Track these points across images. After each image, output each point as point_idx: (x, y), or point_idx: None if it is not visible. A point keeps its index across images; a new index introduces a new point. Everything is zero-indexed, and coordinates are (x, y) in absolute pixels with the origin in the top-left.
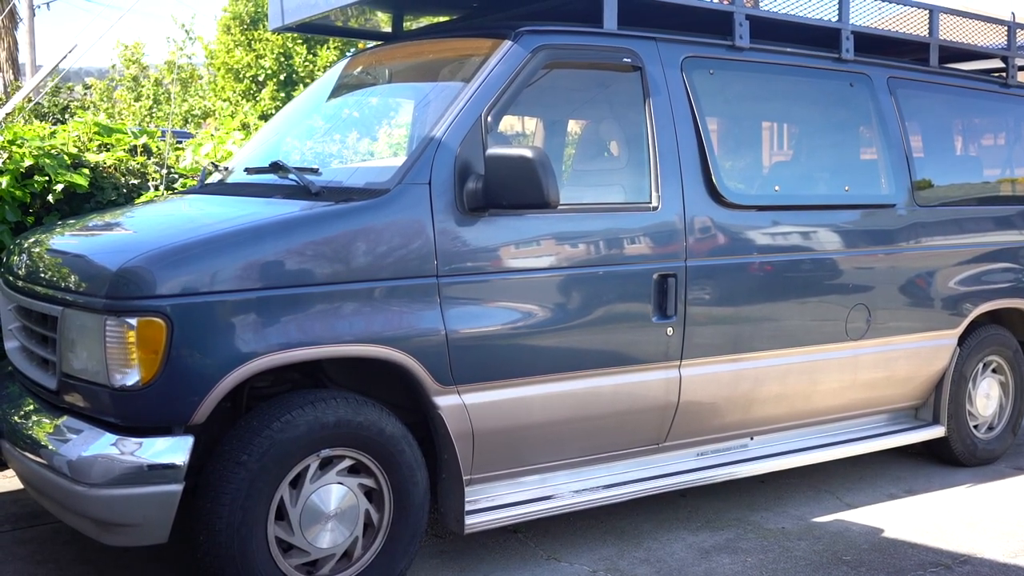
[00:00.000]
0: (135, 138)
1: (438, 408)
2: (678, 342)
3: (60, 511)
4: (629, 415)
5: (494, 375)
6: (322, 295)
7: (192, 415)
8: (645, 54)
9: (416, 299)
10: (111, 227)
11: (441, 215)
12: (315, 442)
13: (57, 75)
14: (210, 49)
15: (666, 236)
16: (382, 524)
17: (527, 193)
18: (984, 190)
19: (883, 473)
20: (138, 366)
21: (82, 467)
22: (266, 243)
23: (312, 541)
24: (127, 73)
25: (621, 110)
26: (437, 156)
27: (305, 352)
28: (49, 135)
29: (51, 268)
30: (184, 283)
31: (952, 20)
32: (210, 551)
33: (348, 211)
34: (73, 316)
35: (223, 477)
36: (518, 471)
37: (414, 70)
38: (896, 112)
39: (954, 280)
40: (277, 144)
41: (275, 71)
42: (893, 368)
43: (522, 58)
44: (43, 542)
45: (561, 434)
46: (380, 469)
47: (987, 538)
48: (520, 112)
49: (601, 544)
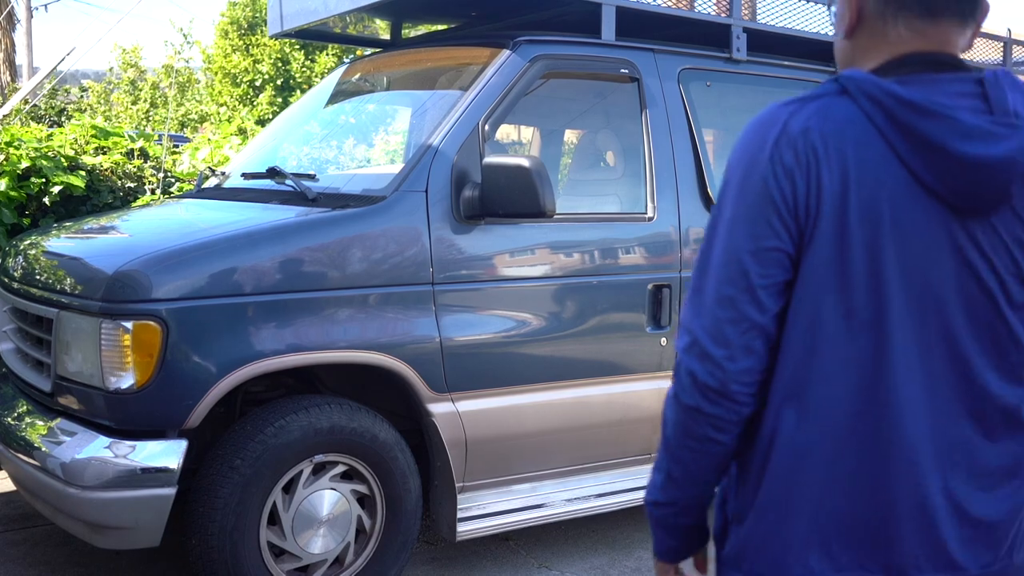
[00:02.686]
0: (132, 141)
1: (432, 415)
2: (672, 352)
3: (53, 513)
4: (622, 425)
5: (488, 383)
6: (317, 301)
7: (186, 419)
8: (642, 65)
9: (411, 306)
10: (107, 230)
11: (437, 223)
12: (308, 448)
13: (54, 77)
14: (208, 53)
15: (661, 247)
16: (374, 530)
17: (523, 202)
18: None
19: None
20: (133, 369)
21: (75, 469)
22: (262, 248)
23: (304, 546)
24: (124, 76)
25: (618, 120)
26: (434, 164)
27: (299, 358)
28: (46, 137)
29: (47, 270)
30: (180, 287)
31: None
32: (202, 555)
33: (345, 218)
34: (68, 319)
35: (216, 481)
36: (510, 479)
37: (412, 78)
38: None
39: None
40: (274, 150)
41: (273, 76)
42: None
43: (520, 67)
44: (35, 544)
45: (554, 443)
46: (373, 475)
47: None
48: (517, 121)
49: (592, 553)
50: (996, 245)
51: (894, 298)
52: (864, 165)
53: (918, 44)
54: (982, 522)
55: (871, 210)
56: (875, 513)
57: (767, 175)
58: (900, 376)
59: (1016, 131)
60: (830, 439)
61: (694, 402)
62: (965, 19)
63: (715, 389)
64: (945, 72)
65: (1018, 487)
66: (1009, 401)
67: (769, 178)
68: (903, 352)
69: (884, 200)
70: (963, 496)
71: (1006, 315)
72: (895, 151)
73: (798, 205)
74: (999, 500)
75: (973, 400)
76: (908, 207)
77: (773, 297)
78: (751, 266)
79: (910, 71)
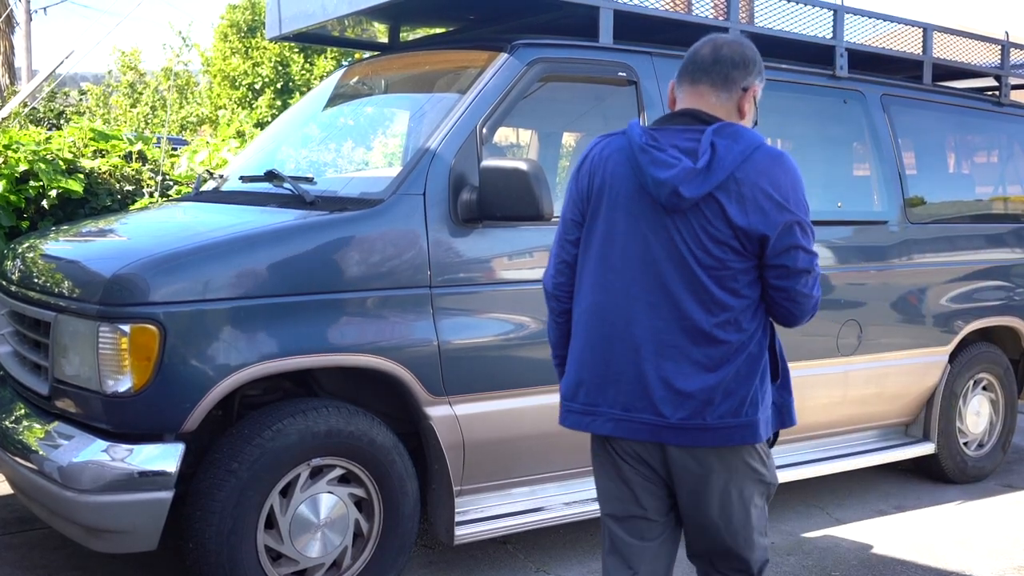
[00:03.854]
0: (130, 144)
1: (429, 418)
2: None
3: (50, 517)
4: None
5: (486, 386)
6: (315, 304)
7: (183, 422)
8: (640, 68)
9: (409, 309)
10: (105, 233)
11: (435, 226)
12: (306, 451)
13: (53, 80)
14: (207, 56)
15: None
16: (372, 534)
17: (521, 205)
18: (976, 208)
19: (873, 489)
20: (130, 373)
21: (72, 473)
22: (260, 252)
23: (301, 550)
24: (123, 79)
25: (616, 123)
26: (432, 167)
27: (297, 361)
28: (44, 140)
29: (45, 274)
30: (177, 290)
31: (946, 38)
32: (199, 559)
33: (343, 221)
34: (66, 322)
35: (213, 485)
36: (508, 482)
37: (410, 81)
38: (889, 129)
39: (945, 297)
40: (272, 153)
41: (272, 79)
42: (884, 384)
43: (518, 71)
44: (32, 547)
45: (552, 446)
46: (370, 479)
47: (976, 556)
48: (515, 124)
49: (591, 557)
50: (689, 230)
51: (628, 254)
52: (615, 175)
53: (684, 103)
54: (681, 392)
55: (615, 201)
56: (610, 377)
57: (575, 176)
58: (630, 299)
59: (679, 163)
60: (584, 332)
61: (546, 300)
62: (716, 85)
63: (548, 292)
64: (681, 123)
65: (709, 376)
66: (704, 324)
67: (575, 179)
68: (635, 286)
69: (623, 196)
70: (671, 375)
71: (696, 272)
72: (632, 168)
73: (583, 195)
74: (695, 381)
75: (682, 321)
76: (638, 202)
77: (571, 246)
78: (562, 229)
79: (664, 123)
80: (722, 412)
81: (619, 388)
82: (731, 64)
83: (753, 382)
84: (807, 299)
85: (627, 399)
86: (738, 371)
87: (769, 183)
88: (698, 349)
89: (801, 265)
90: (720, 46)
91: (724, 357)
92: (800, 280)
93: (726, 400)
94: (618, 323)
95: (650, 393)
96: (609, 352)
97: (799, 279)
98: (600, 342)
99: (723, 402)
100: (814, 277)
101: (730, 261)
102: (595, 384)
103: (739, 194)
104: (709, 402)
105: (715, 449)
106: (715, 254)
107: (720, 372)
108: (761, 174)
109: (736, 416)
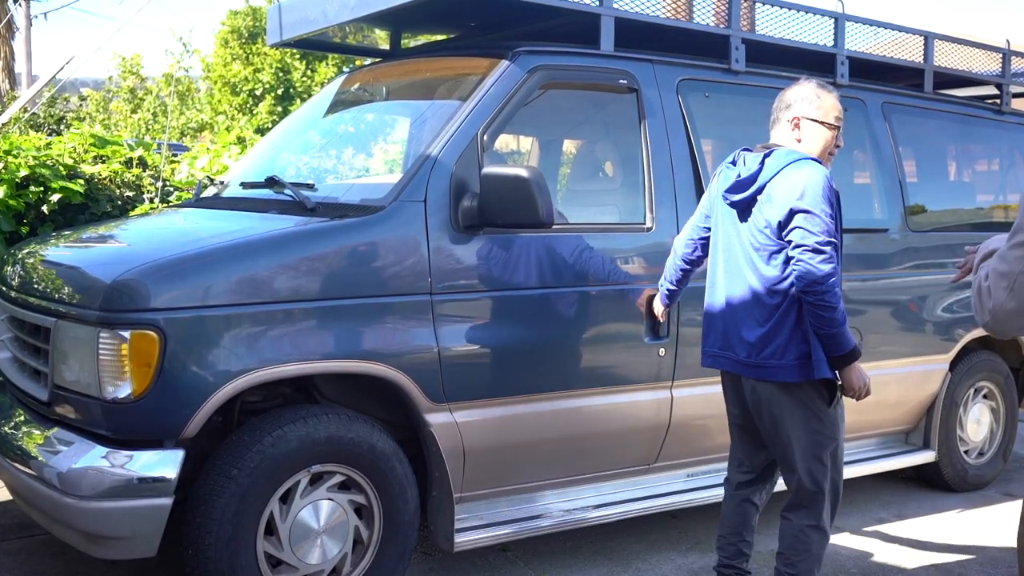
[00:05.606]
0: (131, 150)
1: (429, 425)
2: (670, 363)
3: (49, 523)
4: (620, 435)
5: (486, 393)
6: (315, 311)
7: (183, 429)
8: (641, 76)
9: (409, 316)
10: (106, 239)
11: (436, 233)
12: (306, 458)
13: (53, 86)
14: (207, 62)
15: (660, 257)
16: (371, 541)
17: (522, 212)
18: (977, 216)
19: (873, 497)
20: (130, 379)
21: (72, 479)
22: (261, 258)
23: (301, 557)
24: (124, 85)
25: (616, 131)
26: (433, 174)
27: (297, 367)
28: (45, 146)
29: (45, 279)
30: (178, 297)
31: (947, 47)
32: (199, 565)
33: (343, 227)
34: (66, 328)
35: (213, 491)
36: (508, 489)
37: (411, 88)
38: (890, 137)
39: (945, 305)
40: (273, 159)
41: (273, 85)
42: (883, 392)
43: (519, 78)
44: (31, 553)
45: (552, 453)
46: (370, 485)
47: (976, 564)
48: (516, 131)
49: (590, 564)
50: (746, 228)
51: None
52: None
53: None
54: (744, 340)
55: (715, 207)
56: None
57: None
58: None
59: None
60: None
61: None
62: (772, 124)
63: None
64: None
65: (759, 329)
66: (760, 289)
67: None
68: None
69: (719, 204)
70: (741, 327)
71: (750, 253)
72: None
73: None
74: (754, 333)
75: (745, 288)
76: (723, 208)
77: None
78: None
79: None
80: (766, 355)
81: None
82: (775, 108)
83: (787, 335)
84: (810, 267)
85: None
86: (778, 326)
87: (788, 185)
88: (755, 309)
89: (800, 240)
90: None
91: (768, 315)
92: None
93: (768, 345)
94: (717, 291)
95: (728, 339)
96: (712, 311)
97: (802, 251)
98: (710, 305)
99: (766, 347)
100: (818, 253)
101: (768, 245)
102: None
103: (769, 196)
104: (759, 348)
105: (769, 383)
106: (759, 240)
107: (767, 326)
108: (785, 180)
109: (776, 358)
